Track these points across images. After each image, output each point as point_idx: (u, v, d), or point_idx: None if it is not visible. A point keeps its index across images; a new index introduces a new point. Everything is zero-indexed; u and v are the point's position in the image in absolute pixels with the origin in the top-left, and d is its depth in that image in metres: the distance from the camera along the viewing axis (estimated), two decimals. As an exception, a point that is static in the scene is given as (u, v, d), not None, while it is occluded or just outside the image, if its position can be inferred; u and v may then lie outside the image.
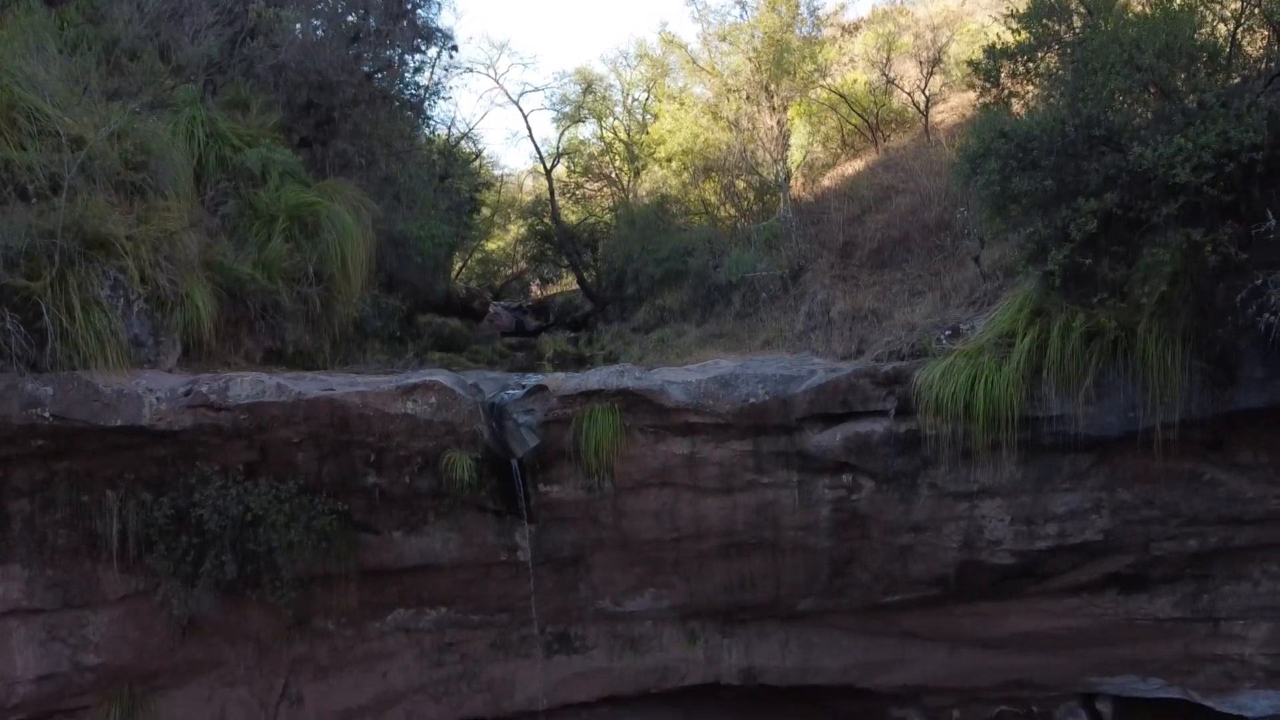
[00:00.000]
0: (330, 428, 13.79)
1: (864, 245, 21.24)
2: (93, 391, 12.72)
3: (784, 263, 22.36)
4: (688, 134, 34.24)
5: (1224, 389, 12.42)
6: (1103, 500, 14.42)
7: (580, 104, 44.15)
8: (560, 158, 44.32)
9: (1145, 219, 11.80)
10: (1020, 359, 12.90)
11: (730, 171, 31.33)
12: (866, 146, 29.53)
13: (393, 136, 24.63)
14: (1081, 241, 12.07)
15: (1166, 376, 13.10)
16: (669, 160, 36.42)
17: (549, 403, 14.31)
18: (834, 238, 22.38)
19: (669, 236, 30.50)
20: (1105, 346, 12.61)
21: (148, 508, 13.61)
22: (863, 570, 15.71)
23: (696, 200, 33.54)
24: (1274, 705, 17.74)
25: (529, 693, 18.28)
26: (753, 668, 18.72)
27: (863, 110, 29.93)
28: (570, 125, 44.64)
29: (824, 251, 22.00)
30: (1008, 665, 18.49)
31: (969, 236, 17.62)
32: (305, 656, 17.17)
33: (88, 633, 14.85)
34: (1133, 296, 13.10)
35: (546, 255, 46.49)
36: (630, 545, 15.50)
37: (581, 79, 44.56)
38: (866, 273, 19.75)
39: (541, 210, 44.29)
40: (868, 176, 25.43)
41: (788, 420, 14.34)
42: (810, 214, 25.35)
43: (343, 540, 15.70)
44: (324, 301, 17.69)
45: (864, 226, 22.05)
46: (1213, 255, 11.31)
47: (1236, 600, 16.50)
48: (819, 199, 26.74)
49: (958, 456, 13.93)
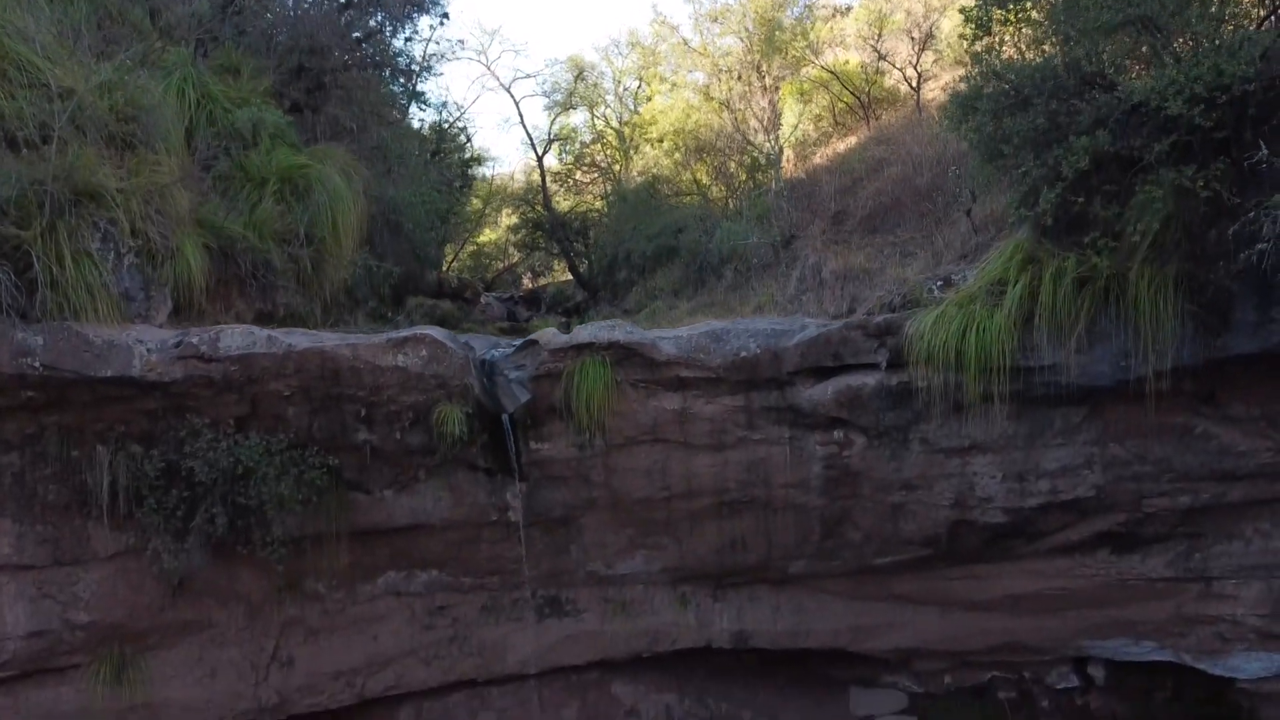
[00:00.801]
0: (321, 380, 13.70)
1: (856, 213, 21.22)
2: (83, 342, 12.60)
3: (775, 232, 22.23)
4: (679, 114, 34.23)
5: (1216, 335, 12.30)
6: (1094, 455, 14.33)
7: (572, 91, 44.11)
8: (552, 144, 44.28)
9: (1138, 157, 11.72)
10: (1012, 306, 12.81)
11: (722, 152, 31.29)
12: (858, 125, 29.53)
13: (383, 105, 24.51)
14: (1073, 180, 12.01)
15: (1158, 322, 13.04)
16: (660, 140, 36.40)
17: (540, 356, 14.22)
18: (825, 207, 22.37)
19: (660, 214, 30.47)
20: (1097, 292, 12.50)
21: (138, 461, 13.45)
22: (854, 530, 15.65)
23: (689, 181, 33.50)
24: (1266, 667, 17.70)
25: (520, 656, 18.29)
26: (744, 631, 18.70)
27: (855, 88, 29.89)
28: (562, 112, 44.62)
29: (815, 219, 21.96)
30: (999, 628, 18.46)
31: (960, 196, 17.57)
32: (296, 619, 17.13)
33: (78, 590, 14.61)
34: (1125, 240, 13.02)
35: (538, 243, 46.43)
36: (621, 505, 15.45)
37: (573, 66, 44.60)
38: (858, 237, 19.71)
39: (533, 198, 44.21)
40: (859, 151, 25.41)
41: (779, 374, 14.26)
42: (802, 188, 25.29)
43: (333, 499, 15.63)
44: (315, 264, 17.62)
45: (855, 196, 22.03)
46: (1204, 191, 11.16)
47: (1228, 559, 16.45)
48: (811, 175, 26.72)
49: (949, 410, 13.85)
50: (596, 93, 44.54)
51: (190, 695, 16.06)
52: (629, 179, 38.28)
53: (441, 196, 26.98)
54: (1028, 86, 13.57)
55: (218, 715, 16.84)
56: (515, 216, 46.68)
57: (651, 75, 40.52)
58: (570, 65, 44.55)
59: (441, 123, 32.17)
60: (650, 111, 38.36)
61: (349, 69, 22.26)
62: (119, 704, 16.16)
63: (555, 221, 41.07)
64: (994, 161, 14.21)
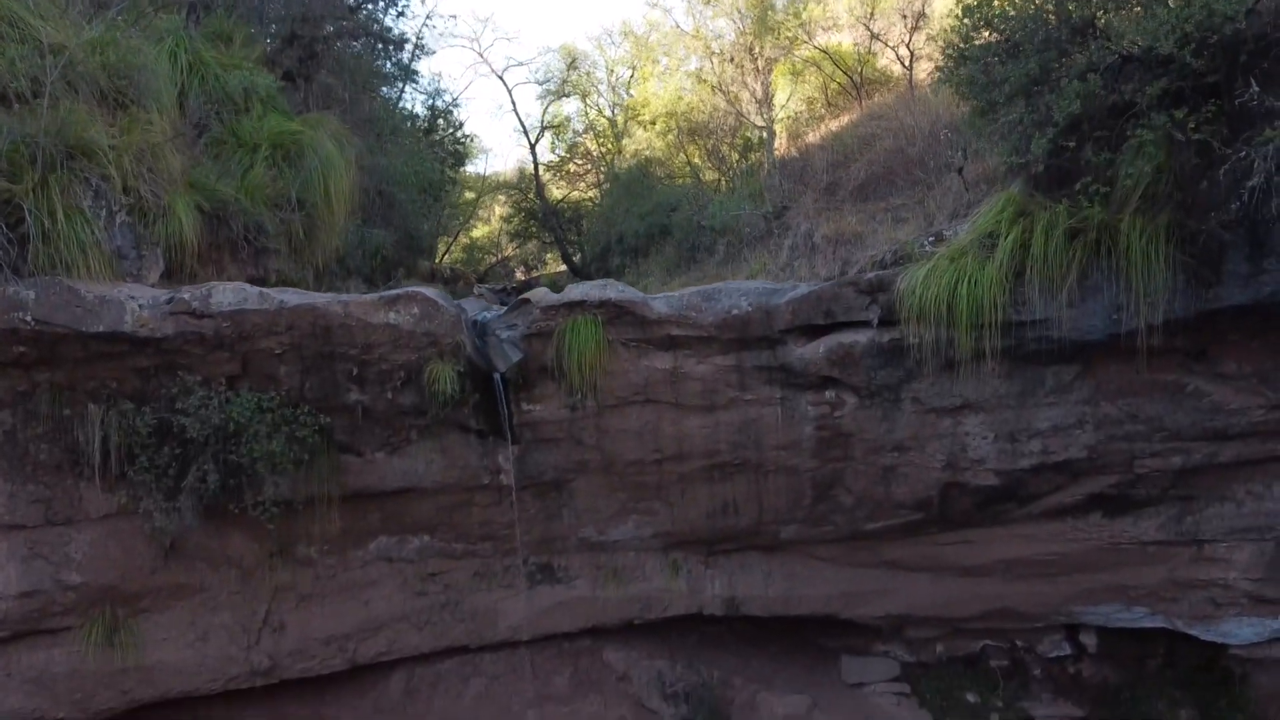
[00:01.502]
0: (312, 338, 13.61)
1: (848, 184, 21.26)
2: (75, 297, 12.51)
3: (768, 204, 22.26)
4: (671, 96, 34.23)
5: (1208, 286, 12.25)
6: (1086, 415, 14.31)
7: (565, 79, 44.10)
8: (545, 131, 44.31)
9: (1130, 102, 11.68)
10: (1003, 258, 12.79)
11: (715, 134, 31.31)
12: (851, 105, 29.55)
13: (376, 76, 24.54)
14: (1065, 126, 11.97)
15: (1150, 273, 13.04)
16: (653, 123, 36.40)
17: (532, 315, 14.19)
18: (818, 179, 22.41)
19: (653, 194, 30.50)
20: (1088, 244, 12.48)
21: (130, 418, 13.28)
22: (846, 493, 15.68)
23: (681, 163, 33.51)
24: (1258, 632, 17.73)
25: (512, 622, 18.30)
26: (735, 597, 18.73)
27: (847, 69, 29.90)
28: (555, 100, 44.63)
29: (808, 191, 22.01)
30: (992, 593, 18.49)
31: (952, 162, 17.58)
32: (287, 584, 17.13)
33: (70, 550, 14.56)
34: (1117, 189, 13.00)
35: (531, 232, 46.43)
36: (613, 468, 15.44)
37: (566, 55, 44.58)
38: (851, 205, 19.74)
39: (526, 186, 44.22)
40: (852, 129, 25.46)
41: (770, 332, 14.23)
42: (794, 165, 25.34)
43: (325, 461, 15.63)
44: (307, 231, 17.63)
45: (848, 170, 22.08)
46: (1195, 135, 11.08)
47: (1220, 522, 16.47)
48: (804, 153, 26.78)
49: (941, 368, 13.83)
50: (589, 82, 44.56)
51: (182, 658, 16.23)
52: (622, 163, 38.19)
53: (433, 168, 26.88)
54: (1019, 34, 13.58)
55: (209, 679, 16.88)
56: (508, 205, 46.63)
57: (644, 58, 40.48)
58: (563, 53, 44.60)
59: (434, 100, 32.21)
60: (643, 94, 38.31)
61: (341, 37, 22.19)
62: (111, 666, 16.16)
63: (548, 210, 41.07)
64: (985, 115, 14.20)
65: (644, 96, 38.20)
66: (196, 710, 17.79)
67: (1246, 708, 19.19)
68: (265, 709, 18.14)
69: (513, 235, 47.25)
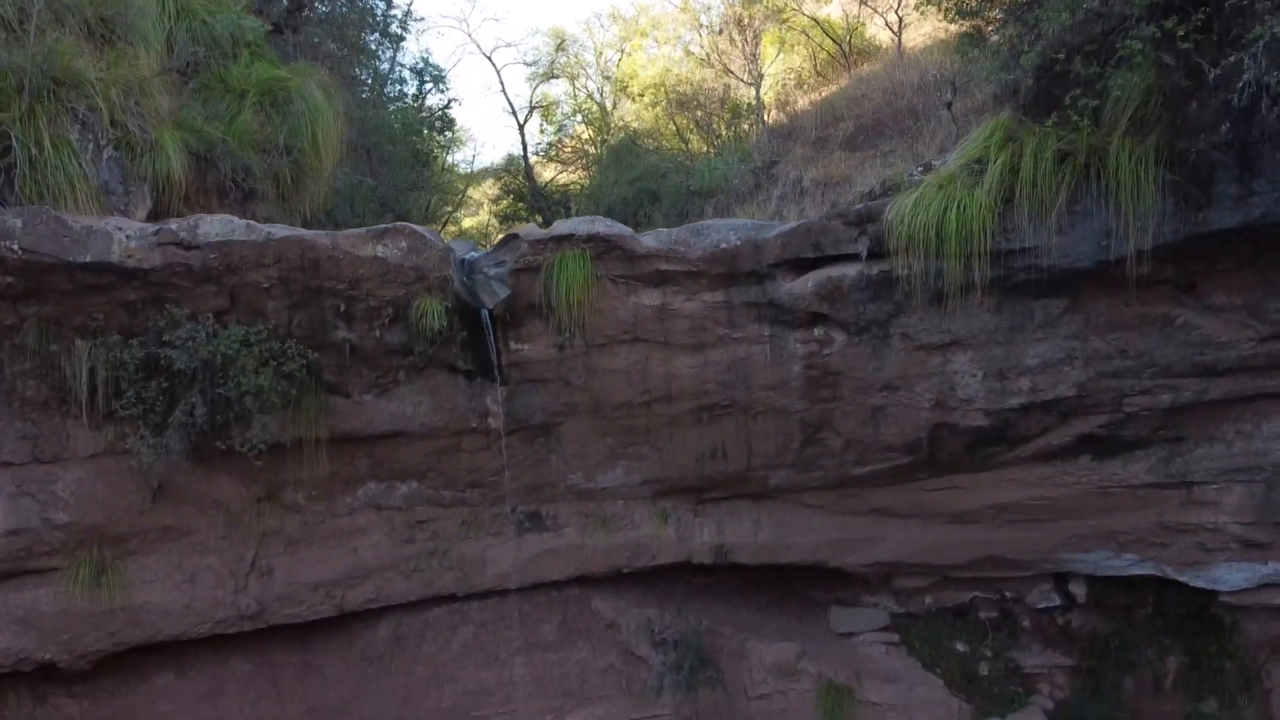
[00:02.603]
0: (300, 271, 13.64)
1: (836, 138, 21.34)
2: (62, 227, 12.50)
3: (757, 160, 22.25)
4: (660, 68, 34.24)
5: (1197, 209, 12.13)
6: (1075, 350, 14.19)
7: (553, 60, 44.10)
8: (533, 111, 44.25)
9: (1120, 15, 11.63)
10: (992, 183, 12.72)
11: (704, 106, 31.30)
12: (840, 75, 29.54)
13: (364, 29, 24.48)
14: (1055, 39, 11.91)
15: (1139, 196, 12.96)
16: (641, 95, 36.40)
17: (520, 249, 14.14)
18: (807, 136, 22.46)
19: (642, 161, 30.43)
20: (1078, 168, 12.38)
21: (117, 351, 13.22)
22: (834, 436, 15.65)
23: (670, 133, 33.49)
24: (1248, 578, 17.73)
25: (500, 569, 18.30)
26: (724, 545, 18.71)
27: (836, 37, 29.90)
28: (543, 81, 44.58)
29: (796, 146, 21.99)
30: (981, 539, 18.48)
31: (941, 99, 17.58)
32: (275, 529, 17.12)
33: (57, 489, 14.50)
34: (1106, 111, 12.98)
35: (520, 214, 46.29)
36: (601, 410, 15.40)
37: (555, 36, 44.56)
38: (840, 153, 19.77)
39: (514, 169, 44.16)
40: (841, 94, 25.43)
41: (759, 266, 14.19)
42: (783, 129, 25.33)
43: (312, 402, 15.64)
44: (294, 178, 17.61)
45: (836, 127, 22.11)
46: (1184, 44, 11.14)
47: (1210, 463, 16.47)
48: (792, 118, 26.78)
49: (930, 301, 13.78)
50: (578, 65, 44.51)
51: (169, 600, 16.29)
52: (612, 137, 38.16)
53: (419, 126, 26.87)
54: (1010, -46, 13.58)
55: (197, 621, 16.86)
56: (497, 188, 46.53)
57: (633, 32, 40.47)
58: (552, 35, 44.55)
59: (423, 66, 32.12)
60: (631, 66, 38.31)
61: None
62: (98, 607, 16.18)
63: (536, 191, 40.96)
64: (975, 41, 14.19)
65: (632, 69, 38.13)
66: (184, 656, 17.77)
67: (1236, 655, 19.21)
68: (253, 655, 18.13)
69: (502, 218, 47.09)
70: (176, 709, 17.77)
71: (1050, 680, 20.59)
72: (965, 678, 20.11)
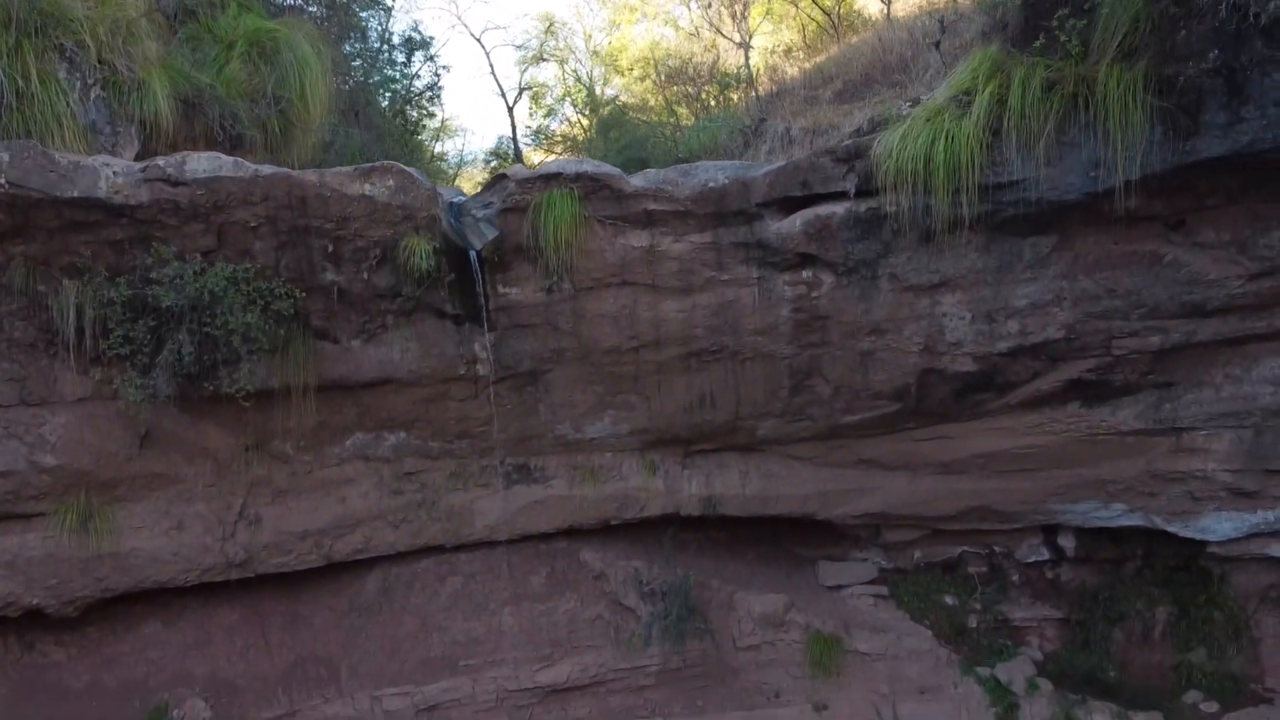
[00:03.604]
0: (288, 210, 13.59)
1: (826, 95, 21.28)
2: (49, 161, 12.45)
3: (746, 119, 22.24)
4: (649, 42, 34.26)
5: (1186, 138, 12.35)
6: (1064, 290, 14.24)
7: (543, 42, 44.10)
8: (523, 92, 44.23)
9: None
10: (980, 113, 12.65)
11: (693, 80, 31.30)
12: (829, 45, 29.51)
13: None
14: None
15: (1128, 123, 12.91)
16: (630, 69, 36.43)
17: (508, 189, 14.10)
18: (796, 95, 22.41)
19: (632, 129, 30.44)
20: (1065, 96, 12.25)
21: (104, 290, 13.11)
22: (823, 383, 15.65)
23: (660, 106, 33.49)
24: (1237, 527, 17.73)
25: (488, 521, 18.34)
26: (712, 496, 18.73)
27: (826, 8, 29.90)
28: (533, 63, 44.58)
29: (785, 103, 21.97)
30: (969, 490, 18.50)
31: (930, 46, 17.57)
32: (263, 479, 17.14)
33: (45, 432, 14.56)
34: (1094, 37, 12.96)
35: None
36: (590, 356, 15.41)
37: (544, 19, 44.57)
38: (829, 105, 19.74)
39: (503, 153, 44.10)
40: (830, 62, 25.43)
41: (747, 205, 14.16)
42: (772, 96, 25.32)
43: (300, 347, 15.61)
44: (283, 129, 17.55)
45: (826, 87, 22.09)
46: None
47: (1199, 408, 16.46)
48: (780, 85, 26.73)
49: (919, 239, 13.79)
50: (567, 49, 44.52)
51: (157, 547, 16.10)
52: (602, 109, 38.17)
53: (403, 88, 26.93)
54: None
55: (184, 569, 16.88)
56: (486, 173, 46.50)
57: (623, 7, 40.49)
58: (541, 18, 44.61)
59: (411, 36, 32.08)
60: (620, 40, 38.34)
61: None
62: (85, 552, 16.20)
63: (525, 172, 40.85)
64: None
65: (621, 43, 38.15)
66: (171, 605, 17.81)
67: (1225, 605, 19.24)
68: (241, 605, 18.15)
69: (489, 200, 46.99)
70: (164, 657, 17.75)
71: (1039, 633, 20.62)
72: (954, 630, 20.14)
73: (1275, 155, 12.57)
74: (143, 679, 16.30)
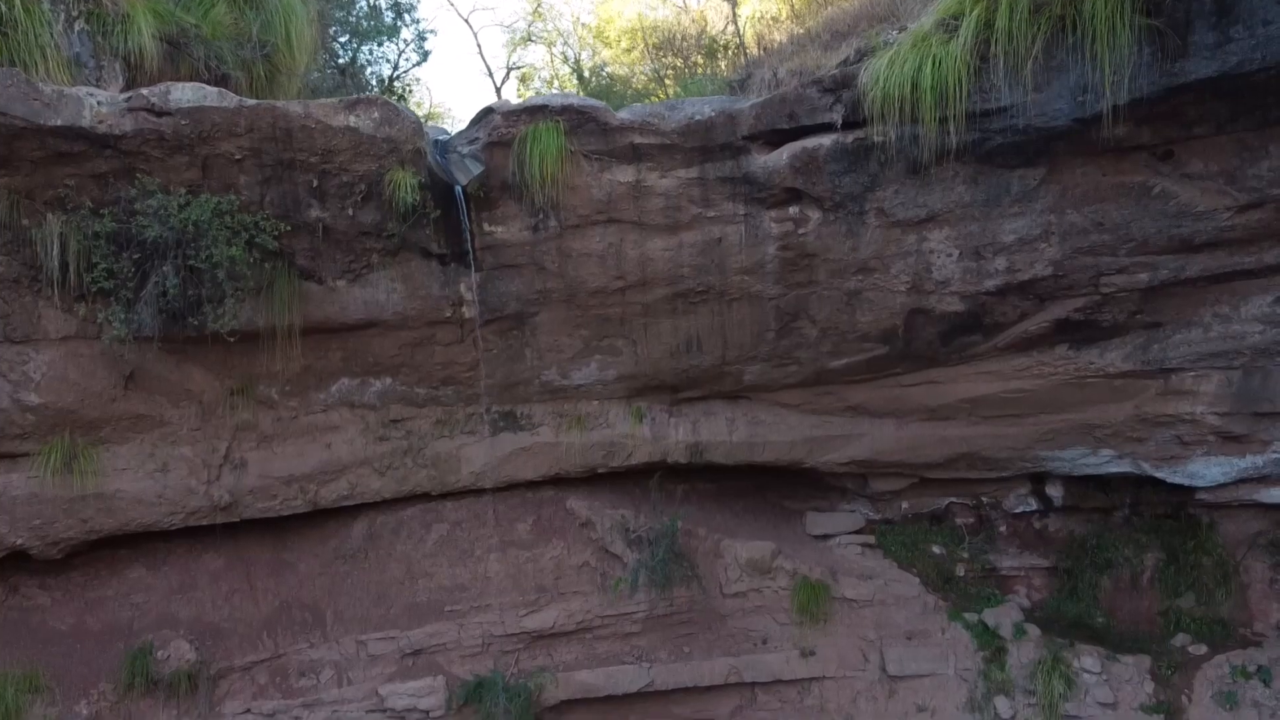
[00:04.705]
0: (273, 142, 13.53)
1: (813, 44, 21.21)
2: (32, 90, 12.38)
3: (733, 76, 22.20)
4: (635, 15, 34.24)
5: (1174, 60, 12.57)
6: (1052, 225, 14.64)
7: (530, 23, 44.09)
8: (511, 73, 44.24)
9: None
10: (968, 35, 12.49)
11: (681, 51, 31.29)
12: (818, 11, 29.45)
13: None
14: None
15: (1116, 44, 12.87)
16: (618, 40, 36.42)
17: (493, 122, 14.05)
18: (784, 51, 22.36)
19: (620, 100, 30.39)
20: (1053, 17, 12.84)
21: (88, 223, 13.45)
22: (810, 325, 15.66)
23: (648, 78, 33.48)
24: (1225, 472, 17.72)
25: (474, 468, 18.30)
26: (699, 444, 18.72)
27: (813, -31, 29.89)
28: (521, 45, 44.58)
29: (773, 58, 21.94)
30: (957, 436, 18.49)
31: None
32: (248, 424, 17.16)
33: (29, 370, 14.60)
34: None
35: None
36: (576, 298, 15.39)
37: (532, 1, 44.57)
38: (817, 50, 19.66)
39: (491, 135, 44.04)
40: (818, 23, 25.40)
41: (734, 138, 14.09)
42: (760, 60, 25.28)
43: (285, 287, 15.57)
44: (268, 74, 17.56)
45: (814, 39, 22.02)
46: None
47: (1188, 348, 16.43)
48: (768, 50, 26.68)
49: (906, 171, 13.71)
50: (555, 33, 44.51)
51: (141, 488, 16.20)
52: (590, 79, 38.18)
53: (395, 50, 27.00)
54: None
55: (169, 511, 16.88)
56: (472, 153, 46.46)
57: (609, 4, 40.56)
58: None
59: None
60: (606, 12, 38.32)
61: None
62: (70, 493, 16.24)
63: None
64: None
65: (609, 15, 38.14)
66: (156, 550, 17.80)
67: (1214, 551, 19.28)
68: (226, 551, 18.15)
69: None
70: (148, 602, 17.71)
71: (1027, 582, 20.62)
72: (941, 578, 20.14)
73: (1264, 76, 12.52)
74: (127, 623, 16.21)
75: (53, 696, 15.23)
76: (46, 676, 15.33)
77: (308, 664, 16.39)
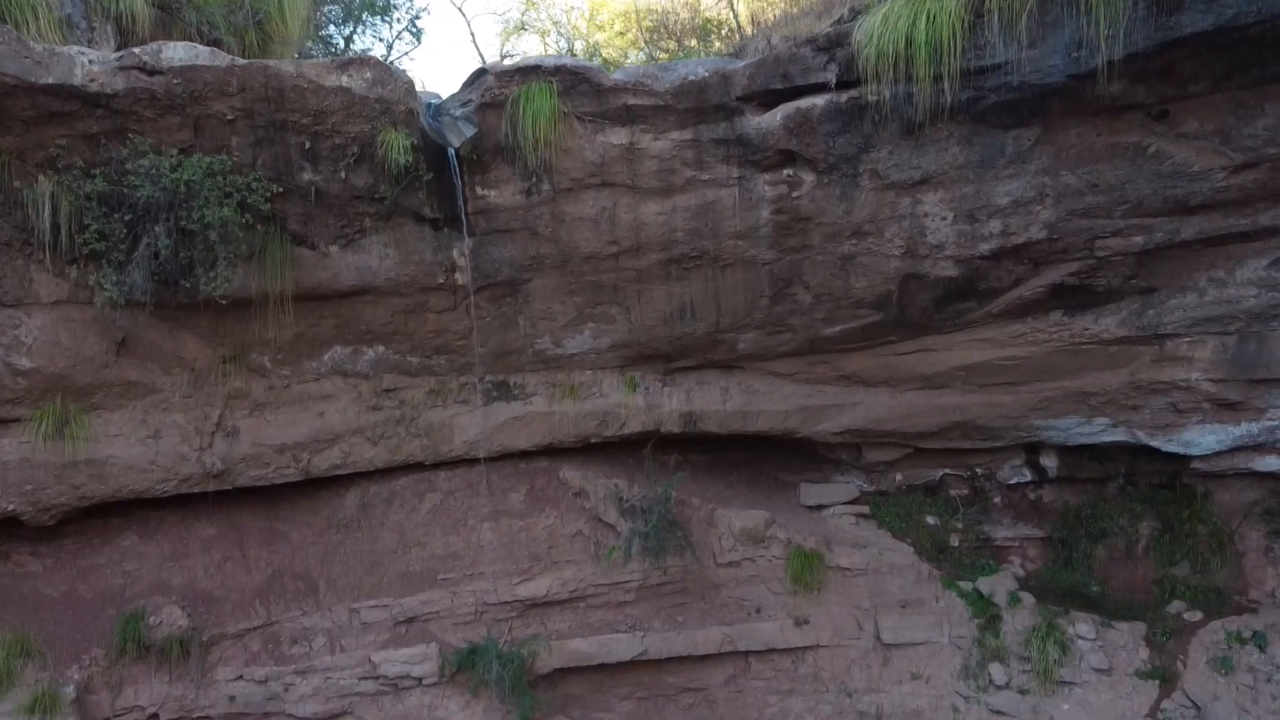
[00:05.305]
0: (265, 102, 13.53)
1: (808, 14, 21.19)
2: (24, 48, 12.37)
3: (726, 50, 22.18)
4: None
5: (1169, 13, 12.55)
6: (1046, 186, 14.56)
7: (524, 12, 44.10)
8: (504, 60, 44.17)
9: None
10: (962, -11, 12.45)
11: (675, 34, 31.24)
12: (815, 1, 29.44)
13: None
14: None
15: (1110, 0, 12.86)
16: (611, 23, 36.39)
17: (486, 83, 13.99)
18: (780, 26, 22.35)
19: (612, 77, 30.37)
20: None
21: (80, 183, 13.11)
22: (804, 291, 15.63)
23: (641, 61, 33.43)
24: (1220, 440, 17.69)
25: (468, 438, 18.28)
26: (693, 413, 18.70)
27: (814, -46, 29.83)
28: (514, 34, 44.53)
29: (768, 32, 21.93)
30: (951, 405, 18.46)
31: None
32: (241, 392, 17.16)
33: (20, 334, 14.62)
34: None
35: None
36: (569, 263, 15.39)
37: (526, -10, 44.59)
38: (811, 18, 19.64)
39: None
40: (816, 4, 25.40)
41: (728, 99, 14.03)
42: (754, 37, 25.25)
43: (277, 253, 15.55)
44: (260, 43, 17.51)
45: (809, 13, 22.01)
46: None
47: (1182, 314, 16.39)
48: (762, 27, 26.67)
49: (900, 132, 13.66)
50: (549, 22, 44.48)
51: (133, 455, 16.19)
52: (583, 60, 38.14)
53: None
54: None
55: (161, 478, 16.86)
56: (469, 147, 46.45)
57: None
58: (523, -12, 44.56)
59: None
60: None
61: None
62: (62, 458, 16.23)
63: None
64: None
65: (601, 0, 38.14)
66: (149, 519, 17.79)
67: (1209, 520, 19.25)
68: (219, 521, 18.12)
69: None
70: (141, 569, 17.70)
71: (1022, 552, 20.59)
72: (935, 548, 20.11)
73: (1259, 30, 12.50)
74: (119, 589, 16.26)
75: (44, 661, 15.24)
76: (38, 641, 15.40)
77: (300, 632, 16.38)
